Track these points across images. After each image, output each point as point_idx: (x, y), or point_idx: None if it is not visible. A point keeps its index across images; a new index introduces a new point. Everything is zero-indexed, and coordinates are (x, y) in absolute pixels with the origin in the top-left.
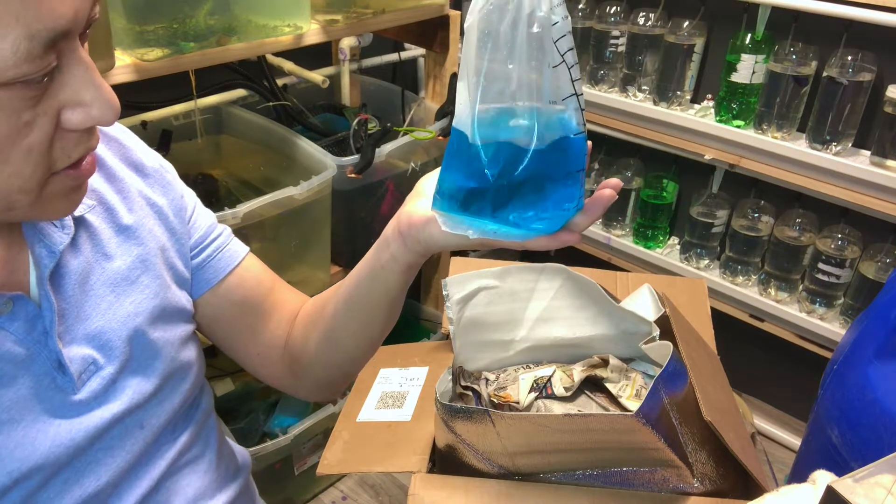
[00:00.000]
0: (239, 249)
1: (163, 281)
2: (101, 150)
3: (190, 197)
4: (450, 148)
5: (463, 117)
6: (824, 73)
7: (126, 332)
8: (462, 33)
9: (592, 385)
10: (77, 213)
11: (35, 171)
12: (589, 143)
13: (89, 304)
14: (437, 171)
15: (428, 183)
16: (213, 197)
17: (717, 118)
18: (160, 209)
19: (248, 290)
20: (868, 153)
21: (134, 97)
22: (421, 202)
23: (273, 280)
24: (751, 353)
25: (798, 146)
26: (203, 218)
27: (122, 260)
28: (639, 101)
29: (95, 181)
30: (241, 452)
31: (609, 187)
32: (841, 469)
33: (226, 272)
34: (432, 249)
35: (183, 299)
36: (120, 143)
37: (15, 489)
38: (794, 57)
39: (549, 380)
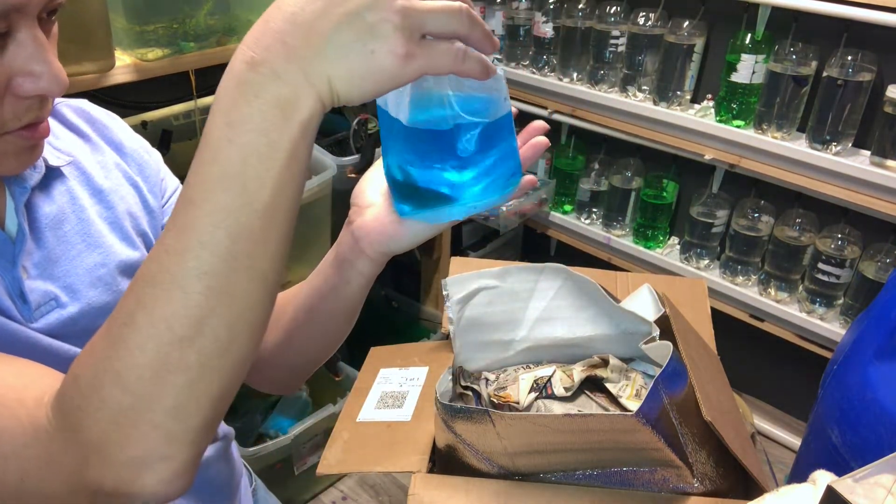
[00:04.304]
0: None
1: (132, 242)
2: (86, 129)
3: (171, 181)
4: (394, 148)
5: (399, 107)
6: (824, 73)
7: (90, 279)
8: None
9: (592, 385)
10: (53, 163)
11: None
12: (514, 109)
13: (60, 248)
14: (368, 179)
15: (368, 192)
16: None
17: (717, 118)
18: (136, 184)
19: None
20: (868, 153)
21: (134, 97)
22: (370, 213)
23: None
24: (751, 353)
25: (798, 146)
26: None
27: (95, 217)
28: (639, 101)
29: (80, 149)
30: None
31: (538, 132)
32: (841, 469)
33: None
34: (399, 251)
35: None
36: (102, 123)
37: None
38: (794, 57)
39: (549, 380)
